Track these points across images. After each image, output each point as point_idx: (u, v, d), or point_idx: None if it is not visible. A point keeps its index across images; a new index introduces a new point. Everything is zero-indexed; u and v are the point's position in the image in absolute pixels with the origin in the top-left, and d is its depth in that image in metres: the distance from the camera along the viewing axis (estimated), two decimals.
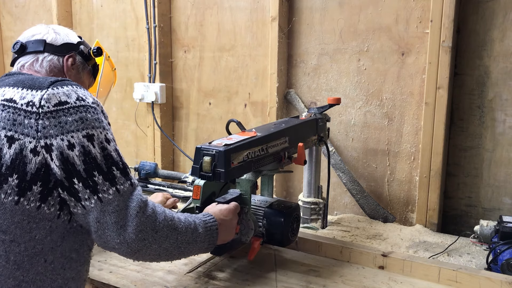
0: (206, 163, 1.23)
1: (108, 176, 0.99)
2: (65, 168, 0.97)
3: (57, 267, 1.02)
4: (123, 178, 1.01)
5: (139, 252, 1.02)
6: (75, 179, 0.97)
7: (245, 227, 1.36)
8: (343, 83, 1.96)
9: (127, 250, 1.01)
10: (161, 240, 1.04)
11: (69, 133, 0.97)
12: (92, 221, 0.99)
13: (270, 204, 1.43)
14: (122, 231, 0.99)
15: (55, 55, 1.22)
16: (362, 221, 1.89)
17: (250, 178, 1.40)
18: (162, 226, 1.04)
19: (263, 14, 2.11)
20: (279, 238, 1.40)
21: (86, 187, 0.98)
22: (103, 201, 0.98)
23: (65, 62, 1.23)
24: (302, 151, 1.49)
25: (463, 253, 1.58)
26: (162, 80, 2.40)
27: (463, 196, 1.82)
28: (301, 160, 1.49)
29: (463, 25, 1.73)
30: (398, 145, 1.87)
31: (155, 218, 1.03)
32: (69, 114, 0.98)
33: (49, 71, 1.20)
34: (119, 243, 1.00)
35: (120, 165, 1.02)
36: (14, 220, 0.97)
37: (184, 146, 2.47)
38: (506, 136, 1.71)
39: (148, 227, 1.01)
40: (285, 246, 1.47)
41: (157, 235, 1.03)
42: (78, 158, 0.97)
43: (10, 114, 0.99)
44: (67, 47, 1.25)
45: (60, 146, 0.96)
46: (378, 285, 1.33)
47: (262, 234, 1.41)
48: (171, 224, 1.06)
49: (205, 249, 1.18)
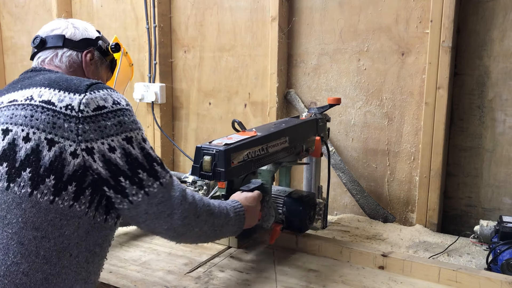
0: (206, 162, 1.23)
1: (151, 172, 1.06)
2: (109, 169, 1.02)
3: (81, 261, 1.06)
4: (164, 171, 1.08)
5: (184, 235, 1.13)
6: (121, 177, 1.03)
7: (267, 214, 1.46)
8: (343, 83, 1.96)
9: (173, 234, 1.12)
10: (202, 224, 1.14)
11: (109, 137, 1.02)
12: (141, 213, 1.07)
13: (288, 194, 1.56)
14: (169, 219, 1.08)
15: (74, 50, 1.24)
16: (362, 221, 1.89)
17: (271, 169, 1.51)
18: (202, 211, 1.14)
19: (263, 14, 2.11)
20: (298, 224, 1.52)
21: (132, 184, 1.04)
22: (149, 195, 1.05)
23: (84, 58, 1.26)
24: (319, 144, 1.62)
25: (463, 253, 1.58)
26: (162, 80, 2.40)
27: (463, 196, 1.82)
28: (317, 153, 1.63)
29: (463, 25, 1.73)
30: (398, 145, 1.87)
31: (196, 205, 1.13)
32: (108, 118, 1.02)
33: (68, 67, 1.23)
34: (166, 229, 1.10)
35: (158, 160, 1.09)
36: (47, 218, 1.00)
37: (184, 146, 2.47)
38: (506, 136, 1.71)
39: (191, 213, 1.11)
40: (303, 232, 1.57)
41: (199, 219, 1.13)
42: (121, 159, 1.03)
43: (49, 117, 1.01)
44: (85, 42, 1.27)
45: (101, 149, 1.01)
46: (378, 285, 1.33)
47: (282, 221, 1.53)
48: (208, 209, 1.16)
49: (234, 232, 1.28)
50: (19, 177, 0.99)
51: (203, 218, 1.15)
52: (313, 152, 1.63)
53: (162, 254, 1.54)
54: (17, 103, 1.05)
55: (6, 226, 0.98)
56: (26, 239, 0.98)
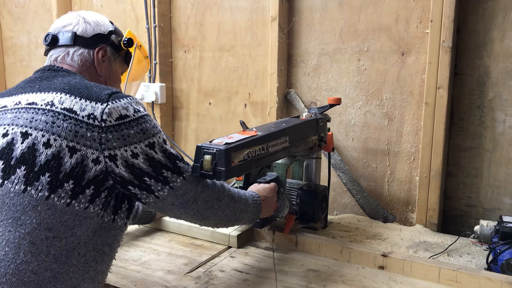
0: (207, 161, 1.23)
1: (175, 170, 1.11)
2: (132, 172, 1.06)
3: (89, 260, 1.07)
4: (185, 165, 1.15)
5: (208, 218, 1.20)
6: (145, 177, 1.07)
7: (281, 205, 1.59)
8: (343, 83, 1.96)
9: (198, 217, 1.19)
10: (224, 207, 1.21)
11: (132, 145, 1.05)
12: (167, 205, 1.13)
13: (302, 186, 1.69)
14: (194, 205, 1.15)
15: (86, 48, 1.23)
16: (362, 221, 1.89)
17: (286, 162, 1.63)
18: (224, 195, 1.21)
19: (263, 14, 2.11)
20: (311, 215, 1.65)
21: (158, 181, 1.08)
22: (174, 189, 1.11)
23: (96, 55, 1.24)
24: (331, 139, 1.73)
25: (463, 253, 1.58)
26: (162, 80, 2.40)
27: (463, 196, 1.82)
28: (330, 147, 1.74)
29: (463, 25, 1.73)
30: (398, 145, 1.87)
31: (218, 190, 1.20)
32: (131, 127, 1.05)
33: (81, 65, 1.22)
34: (192, 215, 1.18)
35: (179, 156, 1.15)
36: (62, 219, 1.01)
37: (184, 146, 2.47)
38: (506, 136, 1.71)
39: (213, 198, 1.19)
40: (316, 222, 1.69)
41: (221, 203, 1.20)
42: (144, 163, 1.06)
43: (71, 126, 1.02)
44: (97, 38, 1.25)
45: (124, 156, 1.04)
46: (378, 285, 1.33)
47: (296, 211, 1.65)
48: (230, 194, 1.24)
49: (251, 219, 1.34)
50: (37, 181, 0.99)
51: (225, 202, 1.21)
52: (325, 146, 1.72)
53: (162, 254, 1.53)
54: (37, 107, 1.06)
55: (20, 227, 0.98)
56: (38, 239, 0.98)
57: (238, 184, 1.63)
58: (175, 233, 1.71)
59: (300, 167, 1.79)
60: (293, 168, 1.80)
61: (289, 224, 1.59)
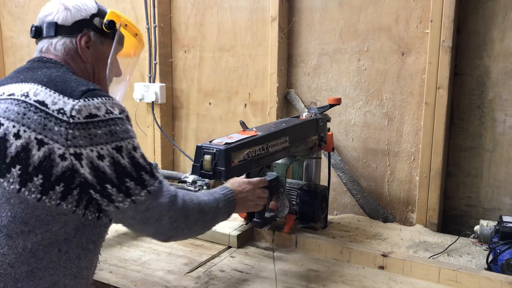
0: (207, 161, 1.23)
1: (139, 181, 1.05)
2: (96, 175, 1.02)
3: (72, 257, 1.07)
4: (152, 179, 1.07)
5: (173, 237, 1.15)
6: (107, 184, 1.03)
7: (281, 205, 1.59)
8: (343, 83, 1.96)
9: (162, 237, 1.14)
10: (191, 224, 1.15)
11: (99, 145, 1.01)
12: (128, 218, 1.07)
13: (302, 186, 1.69)
14: (157, 224, 1.08)
15: (68, 37, 1.19)
16: (362, 221, 1.89)
17: (285, 162, 1.61)
18: (193, 212, 1.15)
19: (263, 14, 2.11)
20: (311, 215, 1.65)
21: (119, 191, 1.03)
22: (136, 202, 1.05)
23: (78, 43, 1.20)
24: (331, 139, 1.73)
25: (463, 253, 1.58)
26: (162, 80, 2.40)
27: (463, 196, 1.82)
28: (329, 147, 1.74)
29: (463, 25, 1.73)
30: (398, 145, 1.87)
31: (186, 208, 1.13)
32: (99, 127, 1.02)
33: (65, 54, 1.19)
34: (154, 233, 1.12)
35: (148, 168, 1.08)
36: (35, 214, 1.01)
37: (184, 146, 2.47)
38: (506, 136, 1.71)
39: (180, 217, 1.11)
40: (316, 222, 1.68)
41: (188, 221, 1.14)
42: (109, 168, 1.02)
43: (41, 118, 1.01)
44: (79, 25, 1.20)
45: (90, 156, 1.01)
46: (378, 285, 1.33)
47: (296, 211, 1.65)
48: (199, 209, 1.17)
49: (222, 220, 1.28)
50: (9, 173, 1.00)
51: (193, 219, 1.15)
52: (325, 146, 1.71)
53: (162, 254, 1.53)
54: (14, 97, 1.06)
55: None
56: (14, 232, 1.00)
57: None
58: None
59: (300, 167, 1.79)
60: (293, 168, 1.80)
61: (289, 224, 1.59)
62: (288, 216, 1.61)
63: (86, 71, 1.23)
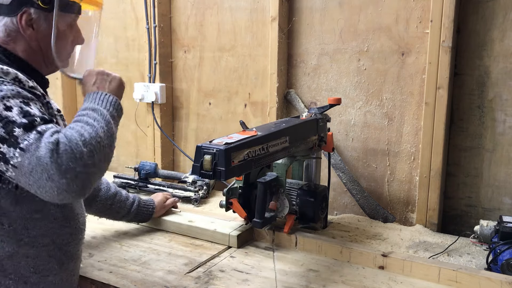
0: (207, 161, 1.23)
1: (10, 141, 0.93)
2: None
3: (18, 228, 1.09)
4: (26, 133, 0.94)
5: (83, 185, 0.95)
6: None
7: (281, 205, 1.59)
8: (343, 83, 1.96)
9: (71, 194, 0.94)
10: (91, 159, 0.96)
11: None
12: (26, 186, 0.96)
13: (301, 186, 1.69)
14: (50, 182, 0.92)
15: (8, 16, 1.12)
16: (362, 221, 1.89)
17: (285, 162, 1.61)
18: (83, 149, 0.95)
19: (263, 14, 2.11)
20: (311, 215, 1.65)
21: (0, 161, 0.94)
22: (17, 167, 0.93)
23: (19, 22, 1.12)
24: (331, 139, 1.73)
25: (463, 253, 1.58)
26: (162, 80, 2.40)
27: (463, 196, 1.82)
28: (329, 147, 1.74)
29: (463, 25, 1.73)
30: (398, 145, 1.87)
31: (72, 148, 0.94)
32: None
33: (7, 36, 1.13)
34: (59, 194, 0.94)
35: (23, 122, 0.95)
36: None
37: (184, 146, 2.47)
38: (506, 136, 1.71)
39: (70, 161, 0.93)
40: (316, 222, 1.67)
41: (84, 159, 0.94)
42: None
43: None
44: (17, 3, 1.11)
45: None
46: (378, 285, 1.33)
47: (296, 211, 1.65)
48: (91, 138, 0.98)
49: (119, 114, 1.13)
50: None
51: (89, 152, 0.96)
52: (325, 146, 1.72)
53: (162, 254, 1.53)
54: None
55: None
56: None
57: (238, 184, 1.63)
58: (175, 233, 1.71)
59: (300, 167, 1.79)
60: (293, 168, 1.80)
61: (289, 224, 1.59)
62: (288, 216, 1.61)
63: (32, 50, 1.17)
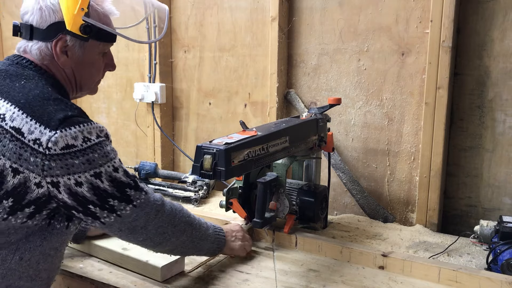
0: (207, 161, 1.23)
1: (123, 198, 1.06)
2: (75, 199, 1.02)
3: (32, 263, 1.08)
4: (137, 193, 1.08)
5: (161, 244, 1.16)
6: (90, 205, 1.04)
7: (281, 205, 1.59)
8: (343, 83, 1.96)
9: (150, 244, 1.15)
10: (179, 234, 1.17)
11: (76, 174, 1.00)
12: (114, 230, 1.10)
13: (302, 186, 1.69)
14: (143, 231, 1.11)
15: (43, 41, 1.10)
16: (362, 221, 1.89)
17: (285, 162, 1.61)
18: (179, 221, 1.17)
19: (263, 14, 2.11)
20: (311, 215, 1.65)
21: (103, 209, 1.05)
22: (122, 216, 1.07)
23: (54, 49, 1.11)
24: (331, 139, 1.74)
25: (463, 253, 1.58)
26: (162, 80, 2.40)
27: (463, 196, 1.82)
28: (329, 147, 1.74)
29: (463, 25, 1.73)
30: (398, 145, 1.87)
31: (174, 215, 1.16)
32: (76, 157, 1.00)
33: (41, 59, 1.12)
34: (142, 240, 1.14)
35: (132, 183, 1.08)
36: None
37: (184, 146, 2.47)
38: (506, 136, 1.71)
39: (167, 223, 1.14)
40: (316, 222, 1.68)
41: (176, 229, 1.16)
42: (88, 192, 1.02)
43: (17, 148, 0.98)
44: (54, 28, 1.08)
45: (67, 183, 1.00)
46: (378, 285, 1.33)
47: (296, 211, 1.65)
48: (188, 220, 1.20)
49: (212, 250, 1.33)
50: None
51: (181, 228, 1.18)
52: (325, 146, 1.72)
53: None
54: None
55: None
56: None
57: (238, 184, 1.63)
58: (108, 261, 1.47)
59: (300, 167, 1.79)
60: (293, 168, 1.80)
61: (289, 224, 1.59)
62: (288, 216, 1.61)
63: (67, 77, 1.17)
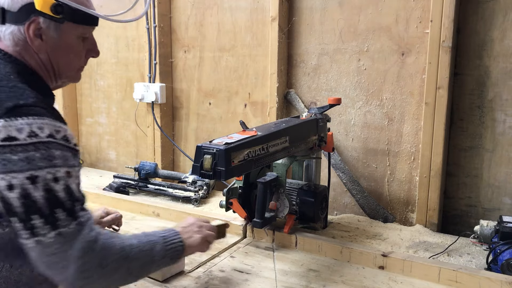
0: (207, 161, 1.23)
1: (49, 219, 0.91)
2: (4, 205, 0.91)
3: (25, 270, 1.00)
4: (69, 218, 0.92)
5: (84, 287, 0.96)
6: (14, 218, 0.91)
7: (281, 205, 1.59)
8: (343, 83, 1.96)
9: (69, 286, 0.96)
10: (109, 274, 0.97)
11: (11, 173, 0.89)
12: (32, 257, 0.93)
13: (302, 186, 1.69)
14: (63, 271, 0.92)
15: (16, 25, 1.02)
16: (362, 221, 1.89)
17: (285, 162, 1.60)
18: (111, 260, 0.97)
19: (263, 14, 2.11)
20: (311, 215, 1.64)
21: (25, 228, 0.91)
22: (42, 244, 0.90)
23: (27, 32, 1.02)
24: (331, 139, 1.73)
25: (463, 253, 1.58)
26: (162, 80, 2.40)
27: (463, 196, 1.82)
28: (329, 147, 1.74)
29: (463, 25, 1.73)
30: (398, 145, 1.87)
31: (104, 255, 0.96)
32: (15, 152, 0.88)
33: (15, 45, 1.03)
34: (60, 281, 0.95)
35: (68, 204, 0.93)
36: None
37: (184, 146, 2.47)
38: (506, 136, 1.71)
39: (94, 265, 0.94)
40: (316, 222, 1.68)
41: (104, 270, 0.96)
42: (17, 200, 0.89)
43: None
44: (26, 10, 1.01)
45: (0, 185, 0.89)
46: (378, 285, 1.33)
47: (296, 211, 1.64)
48: (122, 255, 0.99)
49: (167, 263, 1.11)
50: None
51: (112, 267, 0.97)
52: (325, 146, 1.71)
53: None
54: None
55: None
56: None
57: (238, 184, 1.63)
58: None
59: (300, 167, 1.79)
60: (293, 168, 1.80)
61: (289, 224, 1.59)
62: (288, 216, 1.61)
63: (42, 64, 1.07)
